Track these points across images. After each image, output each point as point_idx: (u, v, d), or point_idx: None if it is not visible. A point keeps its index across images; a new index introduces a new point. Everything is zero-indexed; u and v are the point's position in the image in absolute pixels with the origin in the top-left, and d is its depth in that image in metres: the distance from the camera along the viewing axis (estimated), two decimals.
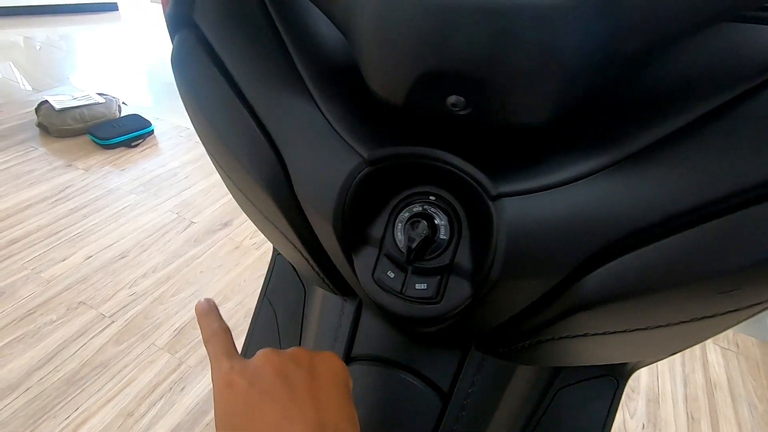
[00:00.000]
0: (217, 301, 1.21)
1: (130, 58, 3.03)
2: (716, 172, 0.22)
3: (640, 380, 1.21)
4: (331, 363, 0.30)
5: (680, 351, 0.37)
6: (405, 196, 0.31)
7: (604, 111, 0.24)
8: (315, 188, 0.30)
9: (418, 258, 0.29)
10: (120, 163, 1.85)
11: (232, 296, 1.34)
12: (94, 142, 1.91)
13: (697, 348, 1.31)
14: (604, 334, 0.29)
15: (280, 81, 0.30)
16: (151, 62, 2.98)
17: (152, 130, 2.04)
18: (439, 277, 0.30)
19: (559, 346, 0.34)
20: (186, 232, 1.55)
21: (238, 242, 1.53)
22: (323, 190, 0.30)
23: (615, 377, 0.54)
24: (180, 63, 0.33)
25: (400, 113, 0.26)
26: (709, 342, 1.34)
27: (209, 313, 0.33)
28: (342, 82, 0.30)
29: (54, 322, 1.21)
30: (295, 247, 0.37)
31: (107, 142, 1.89)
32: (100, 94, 2.07)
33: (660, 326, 0.27)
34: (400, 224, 0.30)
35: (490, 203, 0.26)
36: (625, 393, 1.16)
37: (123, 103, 2.16)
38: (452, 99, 0.23)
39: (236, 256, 1.48)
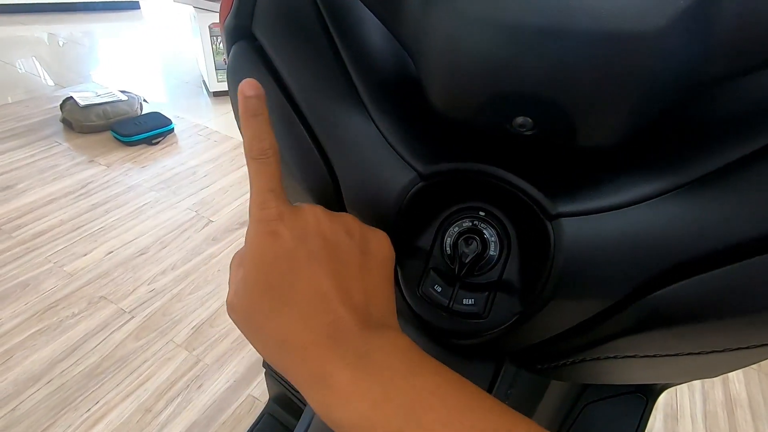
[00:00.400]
0: None
1: (151, 57, 3.07)
2: None
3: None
4: (383, 243, 0.27)
5: (724, 374, 0.37)
6: (455, 210, 0.31)
7: (670, 133, 0.24)
8: (366, 202, 0.30)
9: (468, 273, 0.29)
10: (141, 160, 1.88)
11: None
12: (116, 138, 1.94)
13: None
14: (652, 356, 0.29)
15: (335, 93, 0.30)
16: (172, 61, 3.02)
17: (173, 128, 2.06)
18: (486, 293, 0.30)
19: (602, 365, 0.33)
20: (204, 230, 1.57)
21: None
22: (375, 204, 0.30)
23: (644, 395, 0.54)
24: (236, 73, 0.33)
25: (461, 131, 0.27)
26: None
27: (260, 116, 0.25)
28: (398, 96, 0.30)
29: (76, 315, 1.23)
30: None
31: (129, 139, 1.92)
32: (122, 92, 2.10)
33: (712, 352, 0.27)
34: (449, 239, 0.30)
35: (548, 223, 0.26)
36: None
37: (144, 100, 2.19)
38: (519, 120, 0.23)
39: None
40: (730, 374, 1.26)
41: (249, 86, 0.25)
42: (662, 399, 1.18)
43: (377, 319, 0.24)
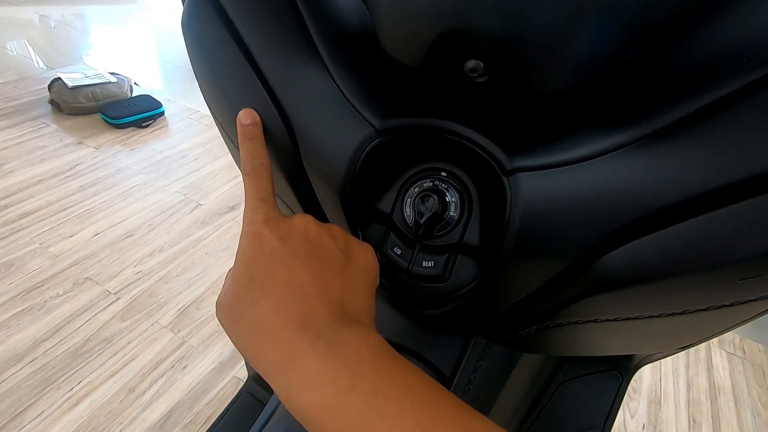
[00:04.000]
0: (221, 283, 1.21)
1: (144, 40, 3.03)
2: (745, 150, 0.21)
3: (643, 381, 1.20)
4: (366, 253, 0.28)
5: (689, 346, 0.36)
6: (416, 171, 0.30)
7: (627, 86, 0.23)
8: (324, 158, 0.29)
9: (426, 234, 0.29)
10: (130, 143, 1.86)
11: None
12: (105, 121, 1.92)
13: (702, 351, 1.30)
14: (615, 320, 0.29)
15: (293, 48, 0.29)
16: (165, 44, 2.98)
17: (163, 111, 2.04)
18: (447, 255, 0.30)
19: (567, 333, 0.33)
20: (193, 213, 1.56)
21: None
22: (332, 160, 0.29)
23: (620, 373, 0.54)
24: (191, 26, 0.32)
25: (415, 80, 0.26)
26: (714, 346, 1.32)
27: (255, 139, 0.29)
28: (357, 51, 0.29)
29: (60, 296, 1.22)
30: None
31: (118, 122, 1.89)
32: (112, 74, 2.07)
33: (674, 314, 0.27)
34: (409, 199, 0.29)
35: (505, 179, 0.25)
36: (627, 394, 1.15)
37: (135, 83, 2.16)
38: (471, 64, 0.22)
39: None
40: (716, 362, 1.27)
41: (246, 115, 0.30)
42: (646, 384, 1.19)
43: (352, 316, 0.24)
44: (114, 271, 1.31)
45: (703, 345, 1.31)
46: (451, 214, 0.29)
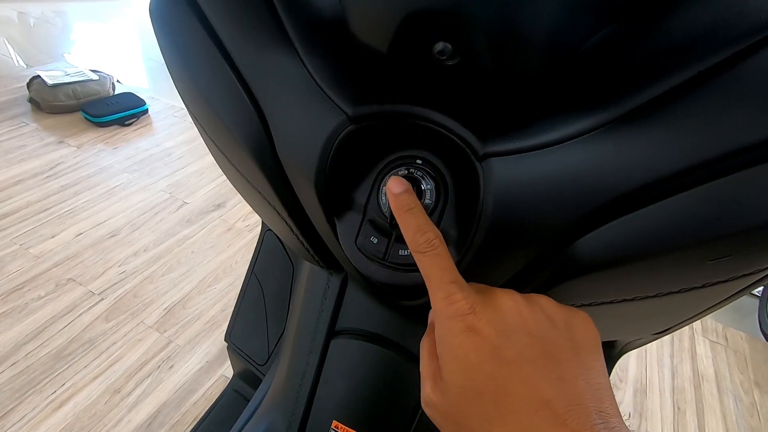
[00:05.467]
0: (208, 282, 1.21)
1: (127, 37, 2.98)
2: (711, 131, 0.21)
3: (628, 370, 1.21)
4: (588, 327, 0.23)
5: (667, 331, 0.36)
6: (391, 159, 0.30)
7: (597, 69, 0.23)
8: (297, 147, 0.29)
9: None
10: (113, 142, 1.82)
11: (224, 277, 1.34)
12: (87, 119, 1.88)
13: (686, 340, 1.32)
14: (590, 305, 0.29)
15: (264, 34, 0.29)
16: (148, 41, 2.93)
17: (146, 109, 2.01)
18: None
19: None
20: (178, 212, 1.54)
21: (231, 224, 1.52)
22: (305, 149, 0.28)
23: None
24: (159, 13, 0.31)
25: (386, 65, 0.25)
26: (698, 334, 1.34)
27: (415, 209, 0.25)
28: (329, 38, 0.28)
29: (42, 297, 1.20)
30: (279, 215, 0.36)
31: (100, 120, 1.86)
32: (93, 71, 2.03)
33: (648, 297, 0.27)
34: (384, 188, 0.29)
35: (477, 164, 0.25)
36: (612, 382, 1.17)
37: (117, 80, 2.13)
38: (439, 46, 0.22)
39: (228, 237, 1.47)
40: (699, 350, 1.29)
41: (396, 184, 0.25)
42: (632, 374, 1.21)
43: (612, 427, 0.19)
44: (97, 272, 1.29)
45: (686, 334, 1.34)
46: (427, 201, 0.28)
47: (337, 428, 0.39)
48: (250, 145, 0.31)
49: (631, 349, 0.54)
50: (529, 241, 0.26)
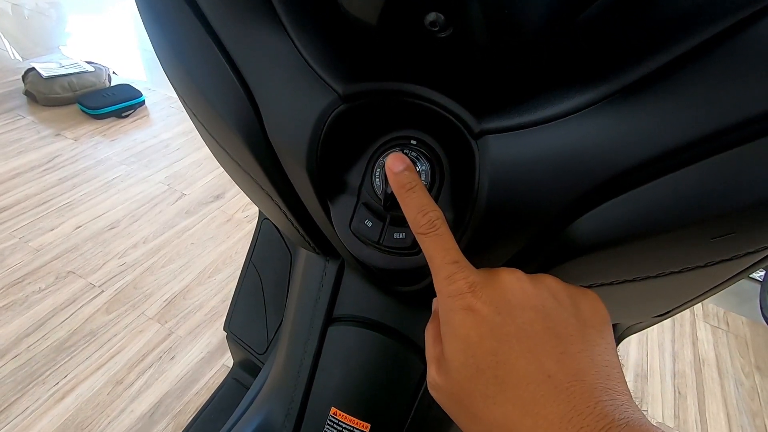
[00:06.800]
0: (208, 273, 1.21)
1: (124, 28, 2.94)
2: (714, 104, 0.20)
3: (629, 355, 1.21)
4: (596, 305, 0.23)
5: (667, 314, 0.36)
6: (385, 140, 0.29)
7: (595, 40, 0.22)
8: (287, 128, 0.28)
9: (395, 205, 0.28)
10: (110, 134, 1.81)
11: (224, 268, 1.33)
12: (83, 111, 1.87)
13: (687, 325, 1.32)
14: (590, 287, 0.28)
15: (251, 11, 0.28)
16: (144, 32, 2.90)
17: (143, 101, 1.99)
18: None
19: None
20: (177, 203, 1.53)
21: (230, 215, 1.51)
22: (296, 130, 0.28)
23: None
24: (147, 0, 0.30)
25: (376, 40, 0.24)
26: (699, 319, 1.34)
27: (416, 187, 0.24)
28: (318, 13, 0.27)
29: (42, 290, 1.20)
30: (273, 201, 0.36)
31: (97, 112, 1.85)
32: (89, 63, 2.01)
33: (649, 277, 0.26)
34: (378, 170, 0.28)
35: (473, 142, 0.24)
36: None
37: (113, 72, 2.11)
38: (431, 17, 0.21)
39: (228, 228, 1.47)
40: (700, 335, 1.29)
41: (396, 161, 0.24)
42: (633, 359, 1.21)
43: (617, 403, 0.19)
44: (97, 264, 1.29)
45: (687, 319, 1.34)
46: (422, 182, 0.28)
47: (336, 415, 0.38)
48: (240, 127, 0.30)
49: (632, 334, 0.53)
50: (527, 221, 0.25)
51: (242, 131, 0.31)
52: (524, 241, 0.26)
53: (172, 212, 1.50)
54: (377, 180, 0.28)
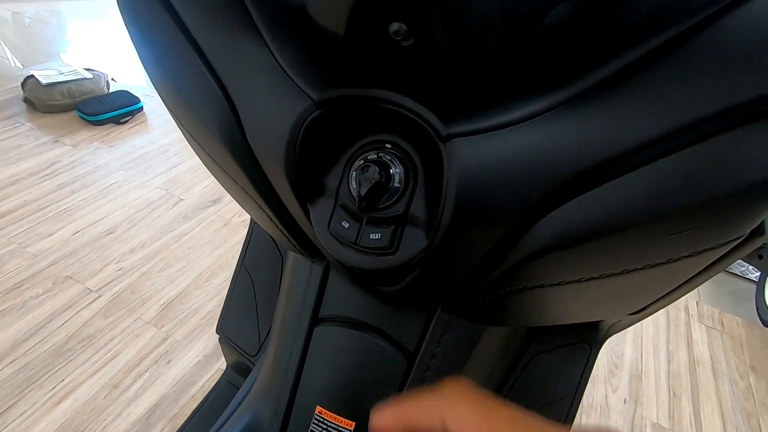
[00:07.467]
0: (205, 277, 1.21)
1: (123, 36, 2.97)
2: (668, 106, 0.21)
3: (624, 357, 1.22)
4: None
5: (643, 311, 0.37)
6: (362, 144, 0.30)
7: (556, 46, 0.23)
8: (265, 133, 0.29)
9: (370, 206, 0.29)
10: (108, 140, 1.83)
11: (221, 272, 1.34)
12: (82, 118, 1.88)
13: (681, 326, 1.32)
14: (560, 284, 0.29)
15: (230, 20, 0.29)
16: None
17: (141, 107, 2.01)
18: (393, 226, 0.30)
19: (521, 301, 0.33)
20: (175, 208, 1.54)
21: (227, 219, 1.53)
22: (273, 135, 0.29)
23: (588, 344, 0.54)
24: (128, 5, 0.31)
25: (347, 49, 0.25)
26: (694, 320, 1.35)
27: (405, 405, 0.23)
28: (293, 22, 0.28)
29: (40, 295, 1.21)
30: (258, 205, 0.37)
31: (95, 118, 1.86)
32: (88, 70, 2.03)
33: (614, 274, 0.27)
34: (354, 173, 0.29)
35: (441, 145, 0.25)
36: (608, 369, 1.17)
37: (112, 79, 2.13)
38: (394, 26, 0.22)
39: (225, 233, 1.48)
40: (695, 336, 1.29)
41: (380, 417, 0.23)
42: (628, 360, 1.21)
43: None
44: (95, 269, 1.30)
45: (682, 320, 1.34)
46: (396, 185, 0.29)
47: (322, 414, 0.39)
48: (222, 133, 0.31)
49: (616, 332, 0.54)
50: (494, 221, 0.26)
51: (224, 137, 0.32)
52: (494, 240, 0.27)
53: (170, 217, 1.51)
54: (353, 182, 0.29)
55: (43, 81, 1.86)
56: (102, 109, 1.88)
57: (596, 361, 0.55)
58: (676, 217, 0.22)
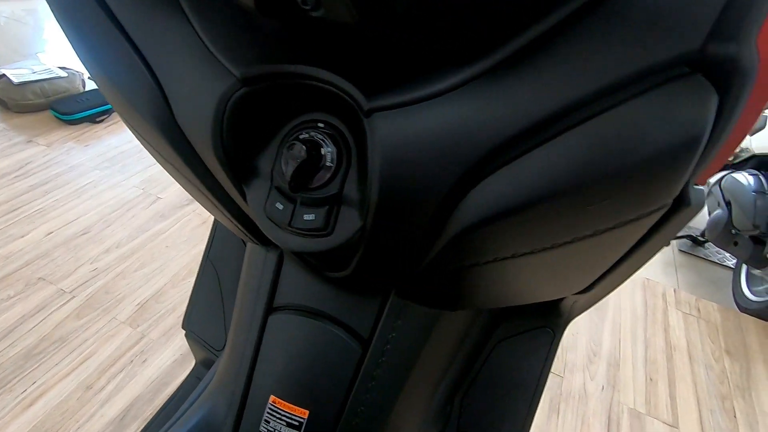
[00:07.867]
0: (182, 276, 1.20)
1: None
2: (581, 73, 0.21)
3: (602, 345, 1.23)
4: None
5: (589, 288, 0.36)
6: (295, 125, 0.29)
7: (473, 17, 0.23)
8: (192, 112, 0.28)
9: (301, 186, 0.28)
10: (84, 139, 1.79)
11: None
12: (57, 117, 1.85)
13: (659, 313, 1.34)
14: (494, 261, 0.29)
15: None
16: None
17: None
18: (327, 207, 0.29)
19: (465, 281, 0.33)
20: (152, 207, 1.52)
21: (205, 218, 1.51)
22: (199, 114, 0.28)
23: (551, 329, 0.55)
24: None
25: (259, 20, 0.25)
26: (671, 307, 1.36)
27: None
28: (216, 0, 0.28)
29: (11, 297, 1.18)
30: (200, 191, 0.36)
31: (70, 118, 1.83)
32: (62, 68, 1.99)
33: (546, 249, 0.27)
34: (284, 152, 0.29)
35: (364, 120, 0.25)
36: (587, 357, 1.18)
37: (87, 77, 2.09)
38: None
39: (203, 231, 1.46)
40: (672, 322, 1.31)
41: None
42: (606, 348, 1.22)
43: None
44: (68, 270, 1.27)
45: (660, 307, 1.36)
46: (328, 164, 0.28)
47: (275, 403, 0.39)
48: (153, 117, 0.31)
49: (577, 315, 0.54)
50: (420, 197, 0.25)
51: (155, 120, 0.31)
52: (424, 217, 0.27)
53: (147, 216, 1.48)
54: (283, 163, 0.29)
55: (15, 80, 1.82)
56: (77, 108, 1.85)
57: (575, 349, 0.55)
58: (595, 185, 0.22)
